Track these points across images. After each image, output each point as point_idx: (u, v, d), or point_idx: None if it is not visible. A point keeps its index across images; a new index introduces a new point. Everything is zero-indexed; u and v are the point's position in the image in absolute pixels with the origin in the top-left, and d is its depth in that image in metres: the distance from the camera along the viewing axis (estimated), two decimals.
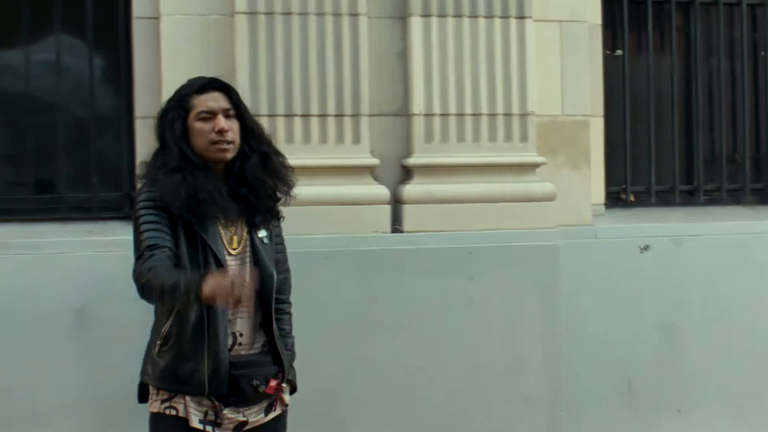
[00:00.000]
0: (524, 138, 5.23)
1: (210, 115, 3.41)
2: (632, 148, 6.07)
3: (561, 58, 5.44)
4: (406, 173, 5.20)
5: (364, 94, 5.05)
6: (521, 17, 5.20)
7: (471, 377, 5.11)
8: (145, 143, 5.03)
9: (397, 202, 5.12)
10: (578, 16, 5.46)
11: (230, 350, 3.42)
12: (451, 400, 5.10)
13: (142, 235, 3.29)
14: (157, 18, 5.04)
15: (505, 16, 5.19)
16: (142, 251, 3.28)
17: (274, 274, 3.50)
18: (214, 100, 3.45)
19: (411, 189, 5.10)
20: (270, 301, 3.49)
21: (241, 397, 3.44)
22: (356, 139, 5.05)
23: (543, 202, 5.22)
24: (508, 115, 5.20)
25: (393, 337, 5.04)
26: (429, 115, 5.14)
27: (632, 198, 6.05)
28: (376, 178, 5.12)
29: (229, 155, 3.42)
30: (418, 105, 5.12)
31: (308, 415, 4.91)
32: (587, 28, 5.51)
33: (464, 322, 5.11)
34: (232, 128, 3.42)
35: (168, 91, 4.88)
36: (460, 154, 5.17)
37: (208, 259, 3.34)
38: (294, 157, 4.84)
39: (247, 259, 3.44)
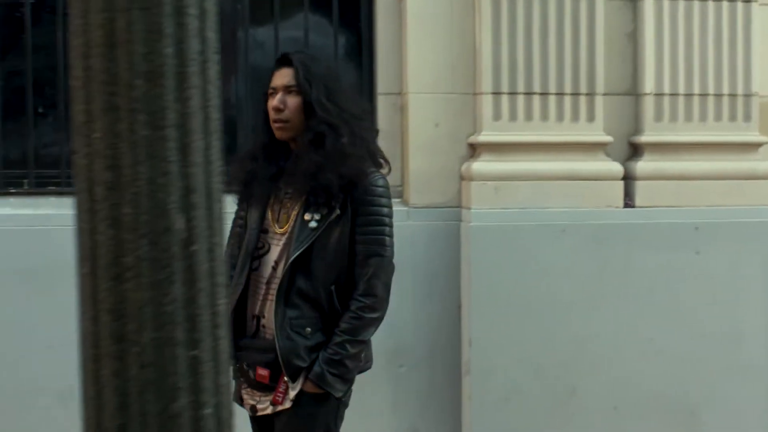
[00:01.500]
0: (747, 118, 5.41)
1: (274, 92, 3.35)
2: None
3: None
4: (634, 150, 5.39)
5: (599, 74, 5.24)
6: (747, 0, 5.37)
7: (696, 347, 5.30)
8: (387, 119, 5.28)
9: (627, 178, 5.30)
10: None
11: (255, 333, 3.37)
12: (677, 369, 5.29)
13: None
14: None
15: (732, 0, 5.36)
16: None
17: (290, 259, 3.26)
18: (281, 77, 3.35)
19: (643, 166, 5.29)
20: (275, 287, 3.31)
21: (246, 380, 3.39)
22: (591, 117, 5.24)
23: (766, 180, 5.39)
24: (733, 95, 5.37)
25: (623, 309, 5.24)
26: (659, 95, 5.32)
27: None
28: (606, 155, 5.31)
29: (284, 134, 3.33)
30: (648, 85, 5.31)
31: (540, 382, 5.14)
32: None
33: (690, 295, 5.29)
34: (288, 106, 3.31)
35: (411, 68, 5.15)
36: (688, 132, 5.35)
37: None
38: (532, 133, 5.10)
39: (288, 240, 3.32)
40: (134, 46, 1.68)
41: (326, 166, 3.25)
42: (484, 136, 5.17)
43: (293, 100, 3.30)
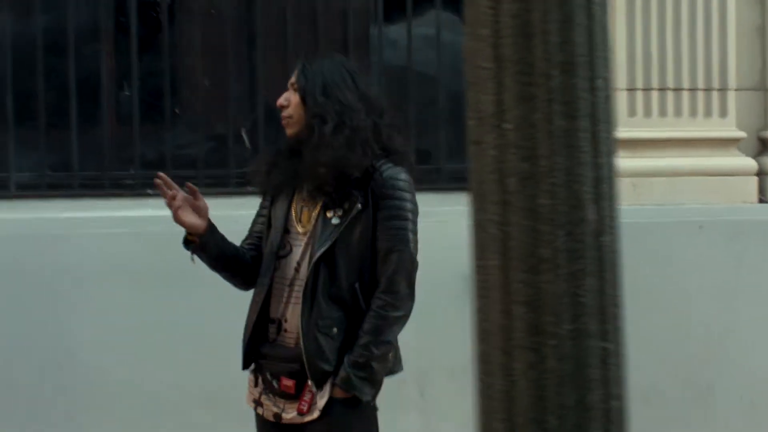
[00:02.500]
0: None
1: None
2: None
3: None
4: (762, 145, 5.38)
5: (731, 69, 5.23)
6: None
7: None
8: None
9: (760, 174, 5.29)
10: None
11: (276, 337, 3.31)
12: None
13: None
14: None
15: None
16: None
17: (314, 258, 3.19)
18: (294, 75, 3.33)
19: None
20: (302, 289, 3.23)
21: (269, 388, 3.31)
22: (723, 113, 5.24)
23: None
24: None
25: (759, 304, 5.22)
26: None
27: None
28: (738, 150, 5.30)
29: (289, 129, 3.31)
30: None
31: (677, 380, 5.13)
32: None
33: None
34: (291, 103, 3.29)
35: None
36: None
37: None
38: (666, 129, 5.10)
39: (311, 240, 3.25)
40: (549, 36, 1.68)
41: (309, 160, 3.20)
42: (620, 133, 5.14)
43: (295, 97, 3.29)
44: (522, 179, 1.68)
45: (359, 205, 3.18)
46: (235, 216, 4.91)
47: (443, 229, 5.10)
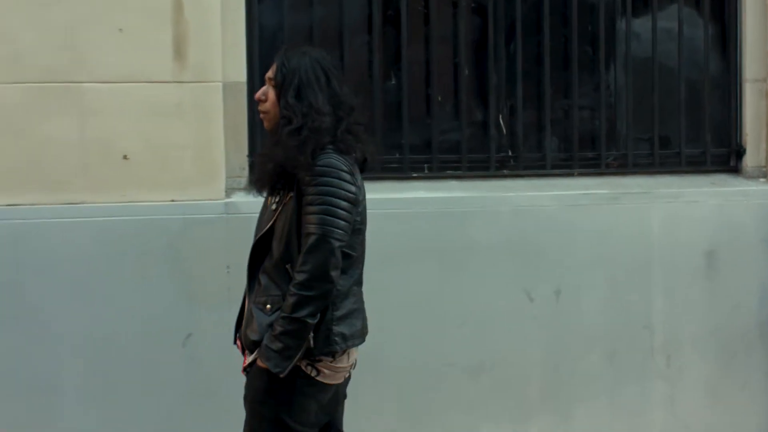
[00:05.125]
0: None
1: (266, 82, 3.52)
2: None
3: None
4: None
5: None
6: None
7: None
8: (753, 104, 5.61)
9: None
10: None
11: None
12: None
13: None
14: None
15: None
16: None
17: (255, 239, 3.53)
18: (272, 69, 3.49)
19: None
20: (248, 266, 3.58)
21: None
22: None
23: None
24: None
25: None
26: None
27: None
28: None
29: (266, 124, 3.53)
30: None
31: None
32: None
33: None
34: (269, 98, 3.48)
35: None
36: None
37: None
38: None
39: None
40: None
41: (265, 154, 3.48)
42: None
43: (272, 93, 3.47)
44: None
45: (292, 193, 3.39)
46: (498, 198, 5.25)
47: (687, 209, 5.43)
